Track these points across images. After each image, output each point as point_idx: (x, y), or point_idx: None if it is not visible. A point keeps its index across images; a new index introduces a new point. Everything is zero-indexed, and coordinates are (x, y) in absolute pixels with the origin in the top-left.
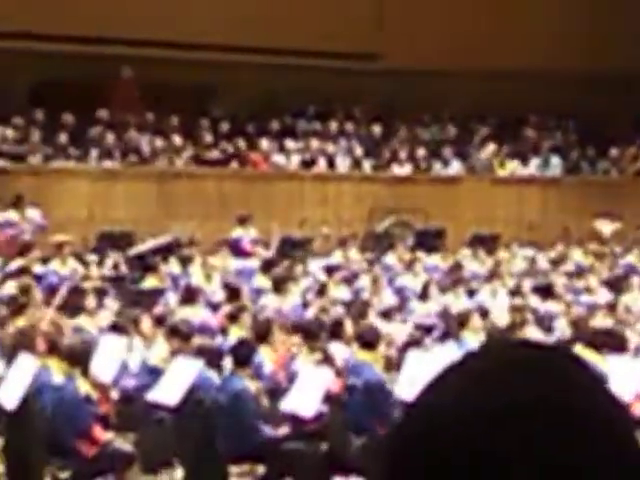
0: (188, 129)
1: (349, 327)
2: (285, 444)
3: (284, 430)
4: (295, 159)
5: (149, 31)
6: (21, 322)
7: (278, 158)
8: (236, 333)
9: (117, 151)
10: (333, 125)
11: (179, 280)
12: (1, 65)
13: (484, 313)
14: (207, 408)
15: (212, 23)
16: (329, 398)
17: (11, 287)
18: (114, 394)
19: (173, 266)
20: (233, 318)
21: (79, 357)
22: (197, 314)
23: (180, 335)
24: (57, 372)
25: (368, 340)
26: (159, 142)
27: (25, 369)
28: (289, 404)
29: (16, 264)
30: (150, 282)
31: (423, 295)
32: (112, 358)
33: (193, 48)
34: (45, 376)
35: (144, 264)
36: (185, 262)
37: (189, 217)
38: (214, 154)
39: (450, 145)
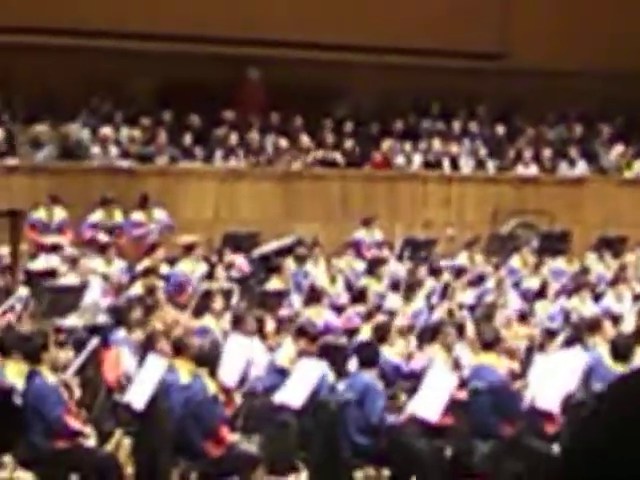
0: (312, 130)
1: (471, 330)
2: (411, 445)
3: (410, 430)
4: (418, 160)
5: (276, 32)
6: (150, 323)
7: (401, 159)
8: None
9: (242, 151)
10: (456, 125)
11: (302, 281)
12: (129, 66)
13: (614, 319)
14: (332, 410)
15: (337, 23)
16: (453, 403)
17: (139, 288)
18: (239, 396)
19: (296, 267)
20: (369, 317)
21: (207, 358)
22: (321, 315)
23: (307, 336)
24: (184, 373)
25: (490, 342)
26: (283, 142)
27: (153, 370)
28: (416, 407)
29: (143, 265)
30: (274, 283)
31: (541, 296)
32: (238, 359)
33: (318, 48)
34: (173, 377)
35: (268, 265)
36: (302, 262)
37: (312, 218)
38: (337, 155)
39: (576, 145)
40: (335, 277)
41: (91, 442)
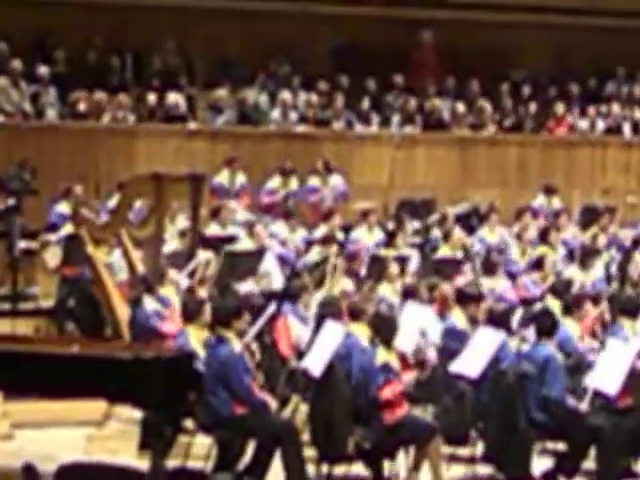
0: (489, 94)
1: None
2: (590, 420)
3: (585, 405)
4: (600, 125)
5: None
6: (325, 290)
7: (581, 123)
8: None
9: (418, 117)
10: (637, 89)
11: (481, 249)
12: (307, 30)
13: None
14: (510, 381)
15: None
16: (634, 375)
17: (315, 255)
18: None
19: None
20: (555, 292)
21: (383, 325)
22: (497, 285)
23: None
24: (363, 338)
25: None
26: (460, 107)
27: (331, 336)
28: (594, 380)
29: (319, 231)
30: (445, 250)
31: None
32: (414, 327)
33: (493, 9)
34: (352, 341)
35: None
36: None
37: (489, 185)
38: (515, 120)
39: None
40: (525, 250)
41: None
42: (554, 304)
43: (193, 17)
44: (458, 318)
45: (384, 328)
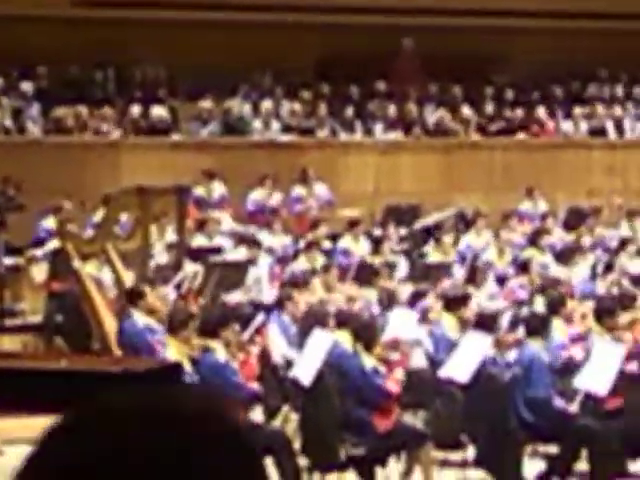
0: (471, 99)
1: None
2: (579, 421)
3: (575, 407)
4: (582, 126)
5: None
6: (312, 298)
7: (565, 125)
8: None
9: (401, 123)
10: (619, 90)
11: (466, 254)
12: (288, 39)
13: None
14: (499, 384)
15: None
16: (623, 376)
17: (303, 263)
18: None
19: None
20: (543, 291)
21: (363, 330)
22: (485, 290)
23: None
24: (348, 345)
25: None
26: (443, 113)
27: (319, 345)
28: (583, 381)
29: (306, 240)
30: (435, 256)
31: None
32: (404, 327)
33: (473, 15)
34: (341, 349)
35: (430, 238)
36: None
37: (474, 189)
38: (499, 123)
39: None
40: (503, 250)
41: (259, 417)
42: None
43: (174, 29)
44: (448, 324)
45: (365, 334)
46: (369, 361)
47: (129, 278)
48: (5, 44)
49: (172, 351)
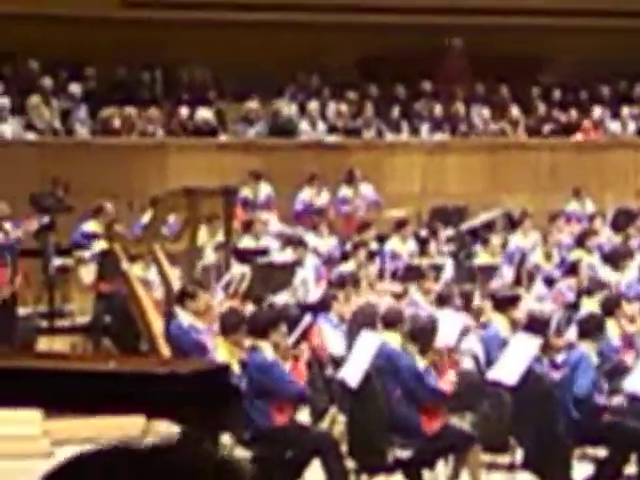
0: (519, 99)
1: None
2: (629, 424)
3: (616, 402)
4: (631, 127)
5: None
6: (359, 299)
7: (613, 126)
8: (589, 307)
9: (447, 123)
10: None
11: (514, 255)
12: (335, 39)
13: None
14: (547, 386)
15: None
16: None
17: (350, 265)
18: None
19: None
20: (589, 293)
21: (421, 332)
22: (534, 292)
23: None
24: (396, 346)
25: None
26: (490, 113)
27: (367, 346)
28: (632, 384)
29: (353, 242)
30: (483, 257)
31: None
32: (452, 334)
33: (522, 14)
34: (388, 349)
35: (476, 239)
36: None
37: (520, 189)
38: (546, 124)
39: None
40: (551, 251)
41: (306, 419)
42: (591, 306)
43: (221, 29)
44: (500, 325)
45: (421, 336)
46: (422, 362)
47: (176, 279)
48: (54, 45)
49: (222, 353)
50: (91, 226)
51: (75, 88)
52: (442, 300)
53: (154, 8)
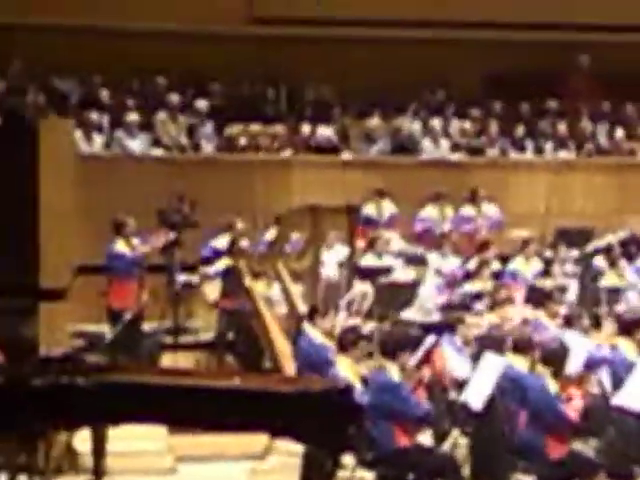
0: None
1: None
2: None
3: None
4: None
5: (602, 15)
6: (493, 318)
7: None
8: None
9: (572, 142)
10: None
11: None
12: (458, 56)
13: None
14: None
15: None
16: None
17: (473, 286)
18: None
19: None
20: None
21: (553, 356)
22: None
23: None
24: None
25: None
26: (617, 132)
27: (491, 368)
28: None
29: (474, 262)
30: (610, 279)
31: None
32: (578, 356)
33: None
34: (515, 371)
35: (606, 260)
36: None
37: None
38: None
39: None
40: None
41: (428, 441)
42: None
43: (345, 47)
44: (627, 348)
45: (554, 360)
46: (554, 386)
47: (299, 296)
48: (181, 61)
49: (342, 369)
50: (220, 242)
51: (201, 104)
52: (570, 322)
53: (280, 25)
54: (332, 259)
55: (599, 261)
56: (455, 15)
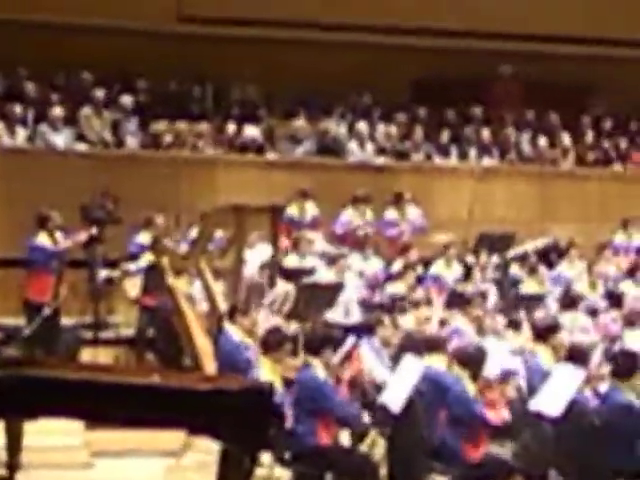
0: (569, 127)
1: None
2: None
3: None
4: None
5: (527, 25)
6: (408, 323)
7: None
8: (632, 339)
9: (496, 149)
10: None
11: (560, 284)
12: (386, 61)
13: None
14: (588, 421)
15: (591, 16)
16: None
17: (395, 288)
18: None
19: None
20: (630, 324)
21: (470, 360)
22: (576, 320)
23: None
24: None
25: None
26: (540, 140)
27: (410, 371)
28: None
29: (396, 265)
30: (530, 286)
31: None
32: (495, 361)
33: (570, 42)
34: (435, 371)
35: (523, 267)
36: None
37: (568, 219)
38: (595, 154)
39: None
40: (595, 283)
41: (346, 441)
42: (635, 339)
43: (273, 47)
44: (543, 355)
45: (472, 364)
46: (472, 388)
47: (220, 295)
48: (107, 57)
49: (265, 371)
50: (143, 237)
51: (126, 100)
52: (486, 328)
53: (208, 24)
54: (255, 258)
55: (514, 269)
56: (384, 20)
